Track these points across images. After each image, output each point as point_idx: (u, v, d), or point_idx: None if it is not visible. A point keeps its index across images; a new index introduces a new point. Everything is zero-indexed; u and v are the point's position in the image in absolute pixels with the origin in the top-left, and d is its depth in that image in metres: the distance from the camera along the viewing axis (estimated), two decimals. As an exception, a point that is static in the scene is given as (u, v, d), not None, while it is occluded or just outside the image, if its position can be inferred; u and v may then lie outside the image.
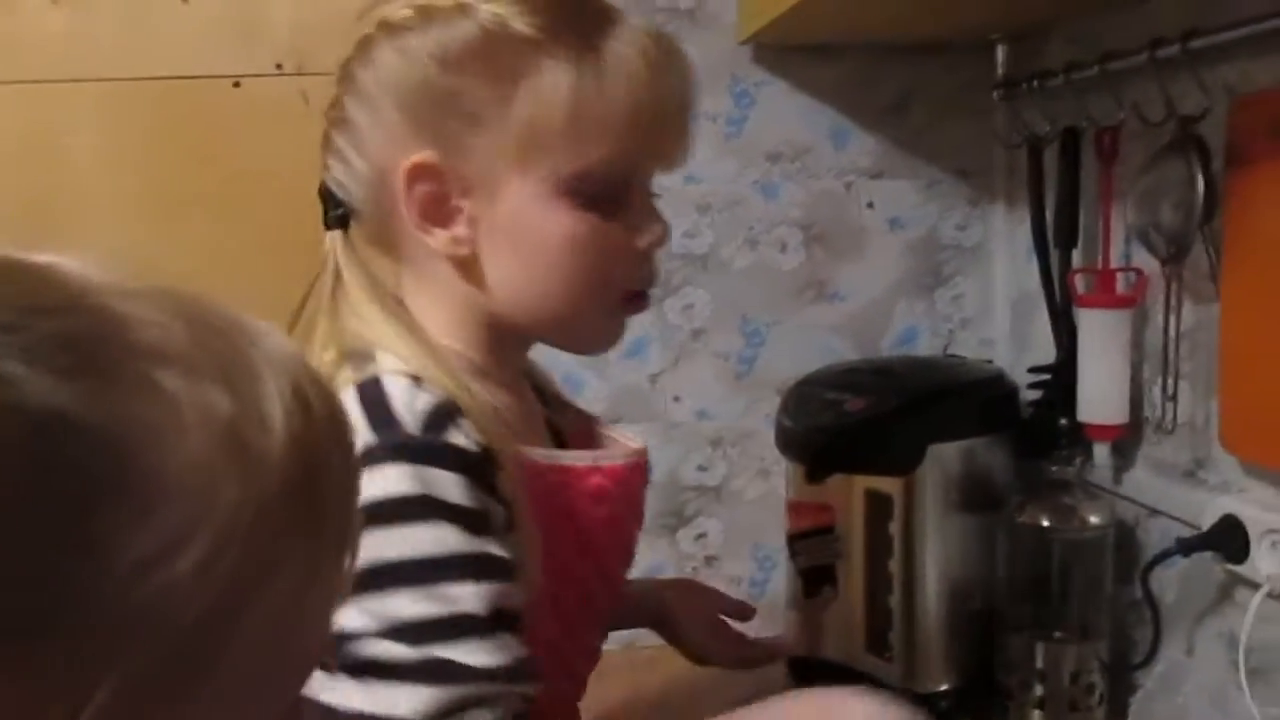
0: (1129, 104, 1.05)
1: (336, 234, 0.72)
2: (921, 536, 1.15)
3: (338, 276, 0.71)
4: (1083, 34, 1.20)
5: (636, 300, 0.74)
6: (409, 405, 0.63)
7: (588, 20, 0.69)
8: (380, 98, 0.68)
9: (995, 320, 1.41)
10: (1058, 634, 1.11)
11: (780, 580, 1.32)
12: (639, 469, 0.79)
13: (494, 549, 0.63)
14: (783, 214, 1.36)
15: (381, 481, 0.60)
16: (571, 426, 0.84)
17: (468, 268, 0.70)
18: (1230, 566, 0.97)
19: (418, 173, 0.68)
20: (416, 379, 0.64)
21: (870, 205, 1.38)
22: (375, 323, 0.69)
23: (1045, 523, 1.10)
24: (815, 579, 1.22)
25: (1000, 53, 1.32)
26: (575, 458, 0.74)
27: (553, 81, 0.66)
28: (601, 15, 0.70)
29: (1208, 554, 0.98)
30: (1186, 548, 0.98)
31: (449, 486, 0.61)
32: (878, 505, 1.16)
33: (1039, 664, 1.10)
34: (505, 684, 0.61)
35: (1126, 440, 1.14)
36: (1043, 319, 1.23)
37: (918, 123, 1.38)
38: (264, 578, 0.36)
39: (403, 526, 0.60)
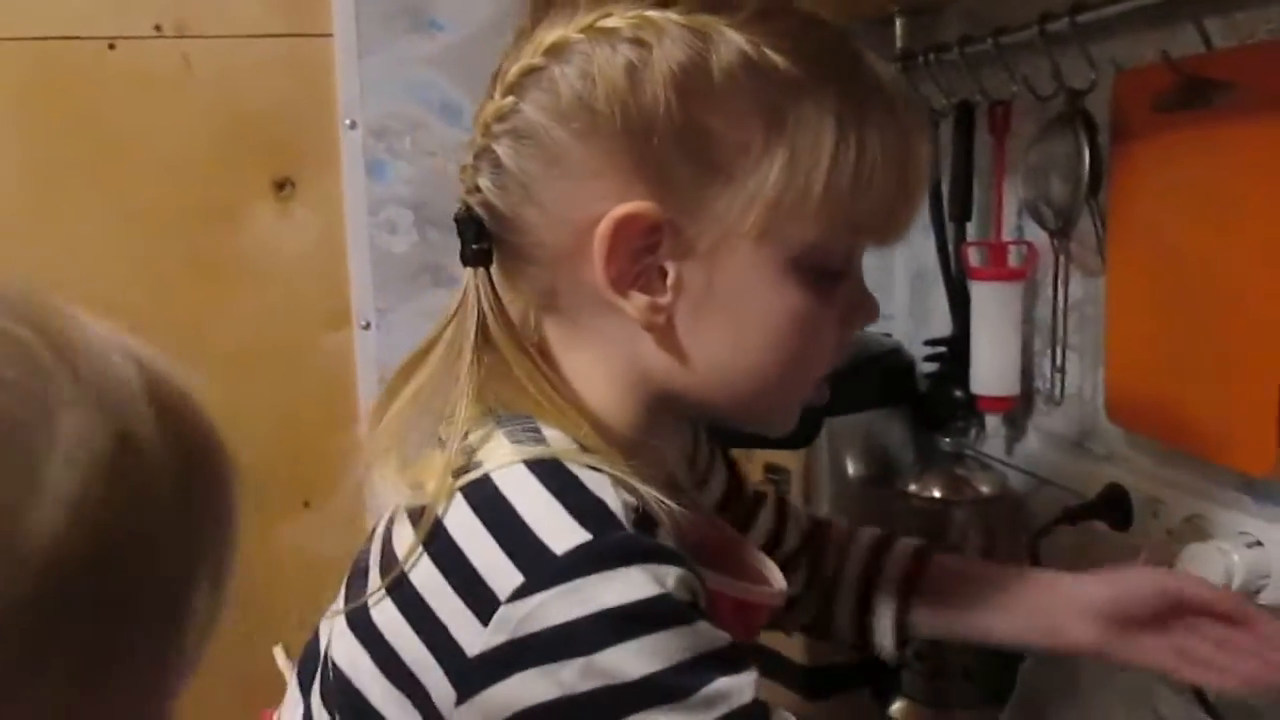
0: (1020, 78, 1.06)
1: (480, 272, 0.58)
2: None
3: (484, 328, 0.58)
4: (977, 8, 1.20)
5: (821, 387, 0.63)
6: (617, 501, 0.52)
7: (845, 58, 0.57)
8: (593, 123, 0.54)
9: (894, 294, 1.42)
10: (951, 603, 1.12)
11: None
12: (765, 612, 0.69)
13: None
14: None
15: (623, 586, 0.50)
16: (699, 531, 0.69)
17: (658, 337, 0.58)
18: (1115, 534, 0.99)
19: (631, 223, 0.55)
20: (600, 470, 0.54)
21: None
22: (532, 392, 0.57)
23: (938, 494, 1.11)
24: (715, 553, 1.21)
25: (898, 26, 1.32)
26: (715, 580, 0.61)
27: (816, 135, 0.54)
28: (856, 53, 0.58)
29: (1094, 522, 1.00)
30: (1072, 516, 1.00)
31: (684, 589, 0.52)
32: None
33: (933, 633, 1.12)
34: None
35: (1018, 412, 1.16)
36: (940, 293, 1.24)
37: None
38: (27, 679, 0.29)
39: (654, 634, 0.50)
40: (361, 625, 0.55)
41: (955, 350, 1.19)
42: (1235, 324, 0.84)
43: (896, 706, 1.09)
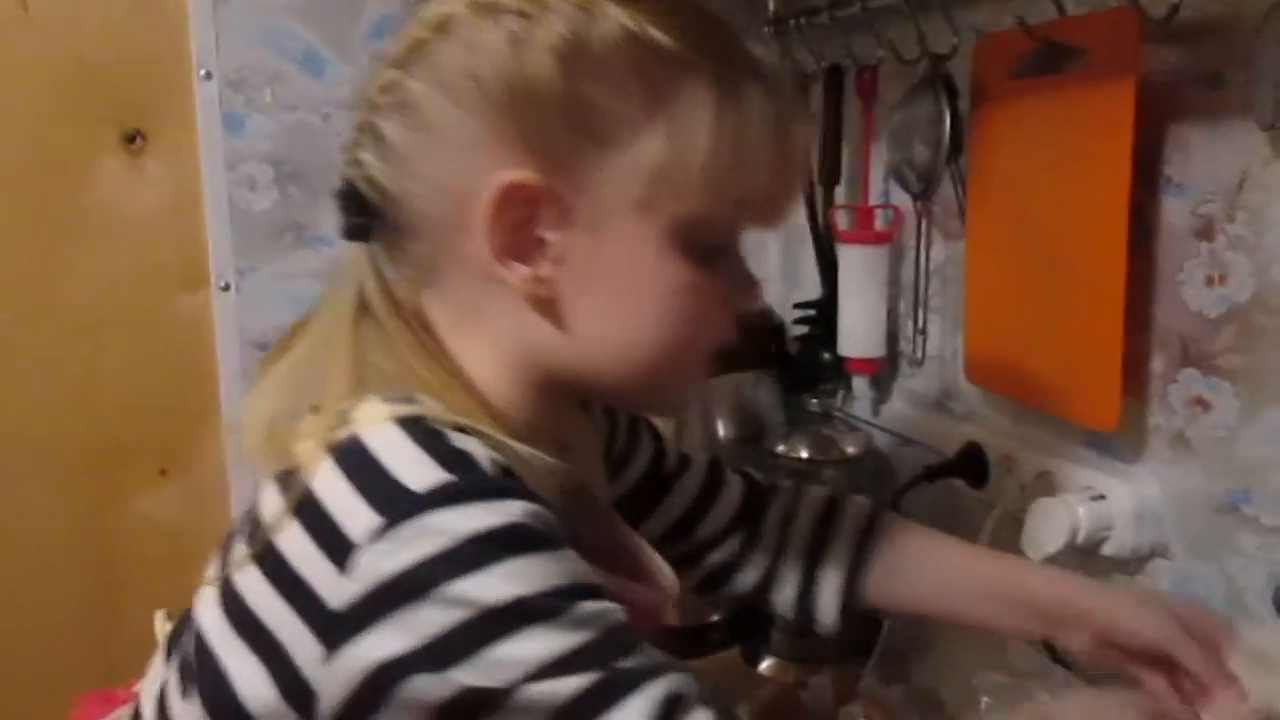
0: (887, 42, 1.07)
1: (361, 248, 0.58)
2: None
3: (363, 304, 0.58)
4: (847, -28, 1.21)
5: (711, 365, 0.63)
6: (483, 454, 0.52)
7: (722, 38, 0.58)
8: (473, 93, 0.55)
9: (767, 257, 1.43)
10: (818, 561, 1.14)
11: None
12: (652, 615, 0.67)
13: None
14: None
15: (484, 515, 0.49)
16: (587, 523, 0.69)
17: (540, 310, 0.58)
18: (972, 490, 1.02)
19: (512, 194, 0.55)
20: (476, 433, 0.53)
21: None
22: (413, 365, 0.57)
23: (806, 454, 1.12)
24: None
25: (771, -11, 1.32)
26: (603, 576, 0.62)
27: (695, 109, 0.55)
28: (732, 34, 0.59)
29: (952, 479, 1.03)
30: (933, 474, 1.02)
31: (547, 521, 0.52)
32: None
33: (800, 591, 1.14)
34: (672, 675, 0.52)
35: (884, 373, 1.18)
36: (811, 256, 1.26)
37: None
38: None
39: (521, 558, 0.50)
40: (226, 592, 0.54)
41: (824, 313, 1.21)
42: (1081, 285, 0.86)
43: (766, 664, 1.11)
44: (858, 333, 1.14)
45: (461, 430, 0.53)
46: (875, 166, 1.15)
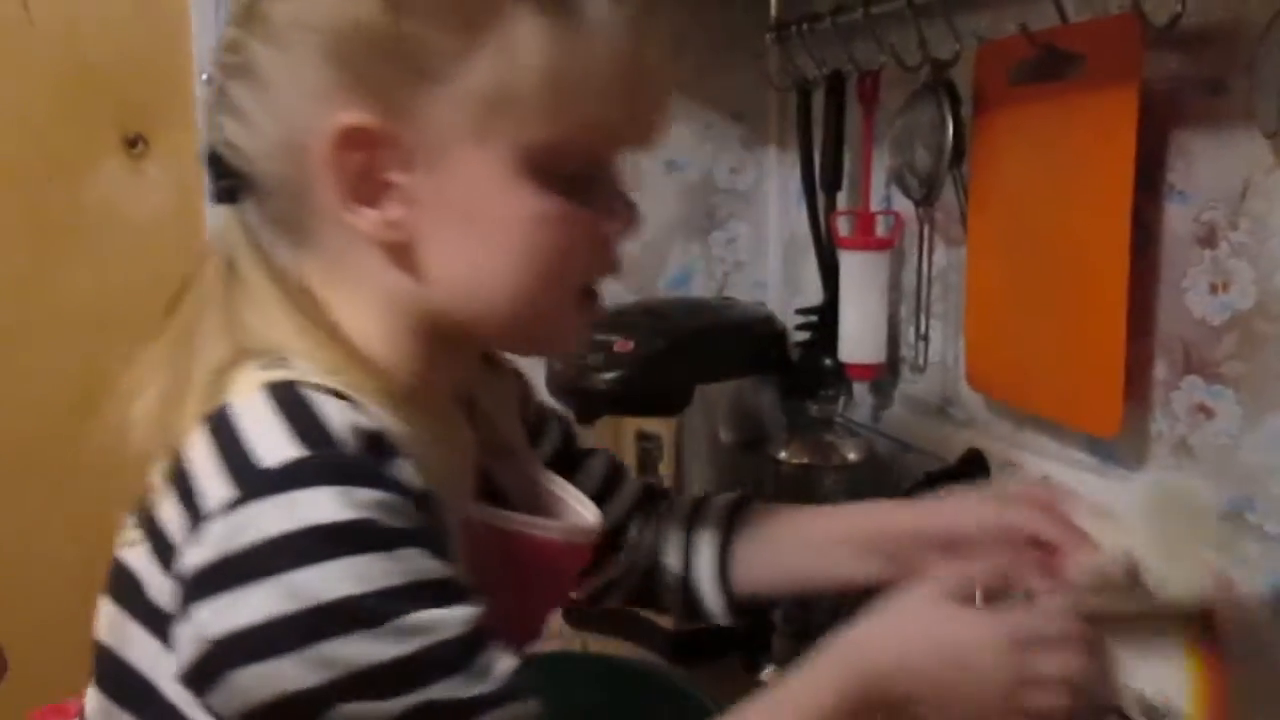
0: (889, 48, 1.07)
1: (229, 210, 0.58)
2: (691, 476, 1.16)
3: (232, 263, 0.58)
4: (849, -22, 1.21)
5: (589, 300, 0.62)
6: (345, 424, 0.52)
7: None
8: (301, 42, 0.55)
9: (768, 262, 1.43)
10: (819, 567, 1.14)
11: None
12: (577, 552, 0.68)
13: (455, 573, 0.53)
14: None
15: (328, 504, 0.49)
16: (511, 475, 0.70)
17: (400, 256, 0.57)
18: (973, 497, 1.02)
19: (349, 139, 0.54)
20: (346, 397, 0.53)
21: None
22: (285, 324, 0.56)
23: (807, 460, 1.12)
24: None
25: (773, -5, 1.32)
26: (506, 519, 0.63)
27: (526, 34, 0.54)
28: None
29: (953, 485, 1.03)
30: (934, 480, 1.02)
31: (402, 518, 0.51)
32: (647, 446, 1.16)
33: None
34: (502, 709, 0.52)
35: (885, 379, 1.18)
36: (812, 262, 1.26)
37: (693, 64, 1.37)
38: None
39: (355, 556, 0.49)
40: (117, 570, 0.56)
41: (825, 319, 1.20)
42: (1083, 291, 0.86)
43: (767, 672, 1.10)
44: (858, 338, 1.14)
45: (336, 394, 0.53)
46: (876, 172, 1.15)
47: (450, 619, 0.51)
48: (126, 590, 0.55)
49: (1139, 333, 0.85)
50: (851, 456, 1.12)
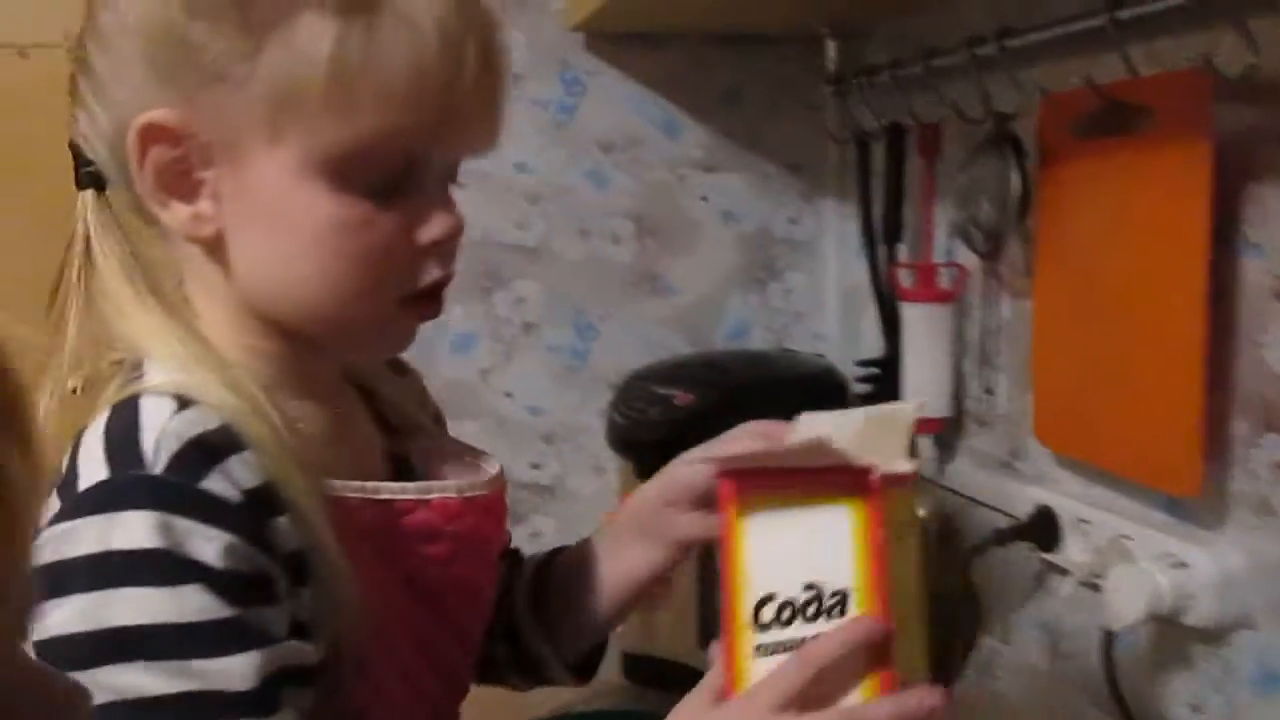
0: (949, 101, 1.06)
1: (88, 194, 0.61)
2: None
3: (87, 250, 0.60)
4: (906, 31, 1.21)
5: (424, 305, 0.62)
6: (162, 436, 0.53)
7: None
8: (120, 42, 0.58)
9: (826, 314, 1.42)
10: (883, 625, 1.12)
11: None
12: (481, 506, 0.67)
13: (260, 615, 0.53)
14: (615, 205, 1.34)
15: (121, 531, 0.51)
16: (422, 453, 0.70)
17: (214, 252, 0.59)
18: (1044, 555, 0.99)
19: (152, 133, 0.57)
20: (183, 399, 0.55)
21: (704, 198, 1.37)
22: (132, 314, 0.58)
23: (871, 515, 1.11)
24: (647, 577, 1.20)
25: (829, 48, 1.33)
26: (393, 490, 0.63)
27: (311, 35, 0.55)
28: None
29: (1023, 543, 1.01)
30: (1003, 537, 1.00)
31: (201, 543, 0.52)
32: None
33: (865, 655, 1.11)
34: None
35: (949, 433, 1.16)
36: (872, 313, 1.25)
37: (750, 115, 1.37)
38: None
39: (142, 588, 0.51)
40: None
41: (887, 371, 1.19)
42: (1157, 346, 0.84)
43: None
44: (922, 391, 1.12)
45: (179, 396, 0.55)
46: (938, 224, 1.14)
47: (226, 668, 0.52)
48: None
49: (1216, 388, 0.82)
50: (918, 512, 1.10)
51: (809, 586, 0.53)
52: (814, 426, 0.55)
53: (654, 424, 1.13)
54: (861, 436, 0.55)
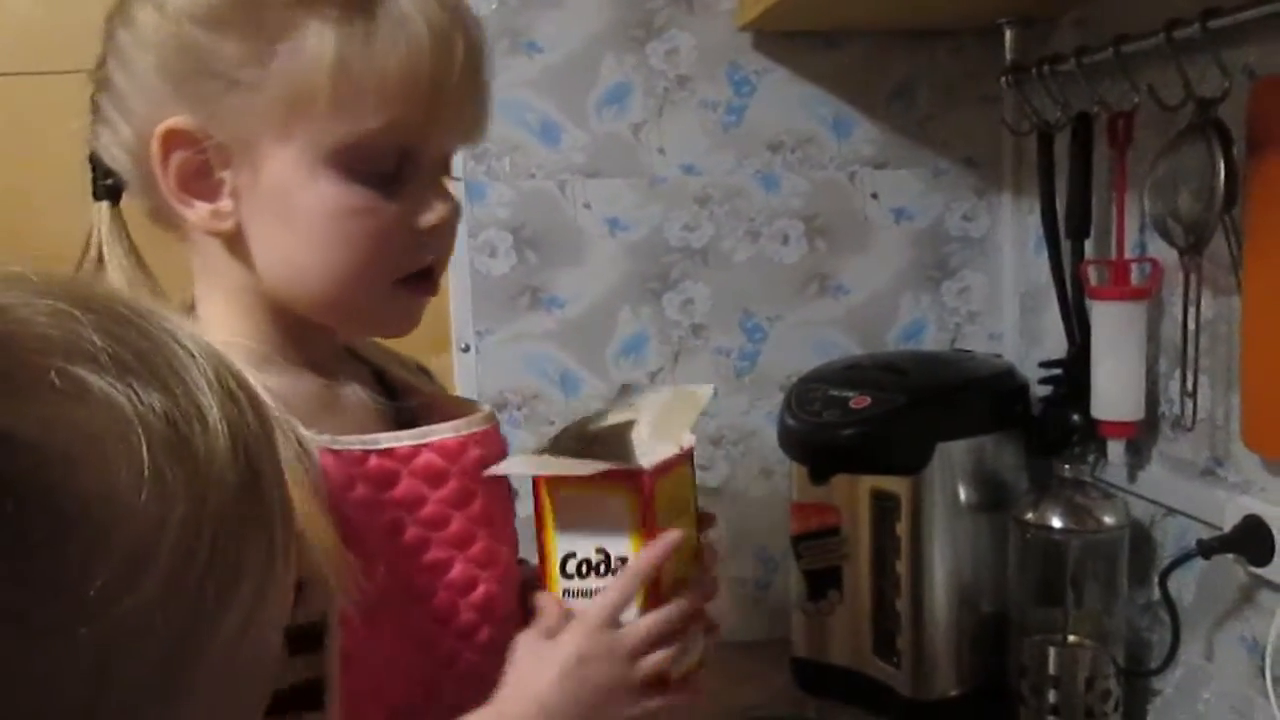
0: (1144, 88, 1.01)
1: (103, 206, 0.67)
2: (929, 537, 1.12)
3: (100, 257, 0.65)
4: (1093, 17, 1.16)
5: (421, 285, 0.67)
6: None
7: None
8: (138, 58, 0.63)
9: (1004, 313, 1.37)
10: (1071, 638, 1.07)
11: (785, 583, 1.29)
12: (479, 442, 0.71)
13: None
14: (784, 205, 1.33)
15: None
16: (422, 409, 0.75)
17: (233, 245, 0.65)
18: (1253, 569, 0.93)
19: (173, 139, 0.62)
20: None
21: (874, 196, 1.34)
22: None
23: (1058, 523, 1.06)
24: (820, 581, 1.18)
25: (1008, 38, 1.28)
26: (395, 438, 0.67)
27: (317, 41, 0.61)
28: None
29: (1229, 556, 0.95)
30: (1207, 549, 0.94)
31: None
32: (884, 505, 1.13)
33: (1052, 669, 1.07)
34: None
35: (1142, 438, 1.10)
36: (1053, 312, 1.19)
37: (923, 111, 1.34)
38: (233, 581, 0.33)
39: None
40: None
41: (1071, 372, 1.14)
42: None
43: (1014, 745, 1.04)
44: (1114, 393, 1.07)
45: None
46: (1130, 218, 1.09)
47: None
48: None
49: None
50: (1108, 520, 1.05)
51: (599, 550, 0.69)
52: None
53: (830, 427, 1.11)
54: (667, 407, 0.72)
